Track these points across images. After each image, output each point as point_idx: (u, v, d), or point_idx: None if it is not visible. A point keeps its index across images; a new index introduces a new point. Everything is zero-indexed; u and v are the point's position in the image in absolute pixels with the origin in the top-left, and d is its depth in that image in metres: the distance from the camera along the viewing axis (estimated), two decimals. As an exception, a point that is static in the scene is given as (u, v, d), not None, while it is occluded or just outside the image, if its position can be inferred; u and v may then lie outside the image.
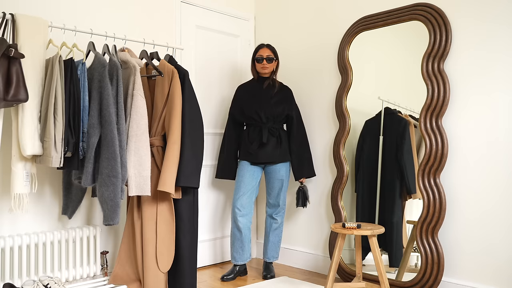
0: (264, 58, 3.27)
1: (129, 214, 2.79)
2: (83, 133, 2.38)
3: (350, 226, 2.59)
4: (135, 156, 2.49)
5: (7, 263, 2.47)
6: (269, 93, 3.30)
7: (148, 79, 2.81)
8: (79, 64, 2.40)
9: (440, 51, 2.73)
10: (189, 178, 2.63)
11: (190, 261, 2.73)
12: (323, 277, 3.32)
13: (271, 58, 3.28)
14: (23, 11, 2.65)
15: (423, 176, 2.74)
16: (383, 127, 3.01)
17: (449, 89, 2.70)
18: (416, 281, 2.72)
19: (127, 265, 2.77)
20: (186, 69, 3.35)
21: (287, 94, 3.35)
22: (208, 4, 3.63)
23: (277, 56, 3.35)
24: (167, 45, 2.95)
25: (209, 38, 3.66)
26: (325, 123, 3.44)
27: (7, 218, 2.58)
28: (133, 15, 3.17)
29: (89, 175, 2.36)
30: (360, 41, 3.18)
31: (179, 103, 2.64)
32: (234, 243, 3.27)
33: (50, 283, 2.39)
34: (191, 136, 2.67)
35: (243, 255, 3.27)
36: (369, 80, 3.11)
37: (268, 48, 3.30)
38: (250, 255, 3.32)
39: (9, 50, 2.07)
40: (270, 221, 3.36)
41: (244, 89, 3.38)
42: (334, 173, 3.37)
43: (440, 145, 2.69)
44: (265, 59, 3.27)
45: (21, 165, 2.29)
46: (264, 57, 3.27)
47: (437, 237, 2.68)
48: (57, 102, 2.27)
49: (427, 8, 2.79)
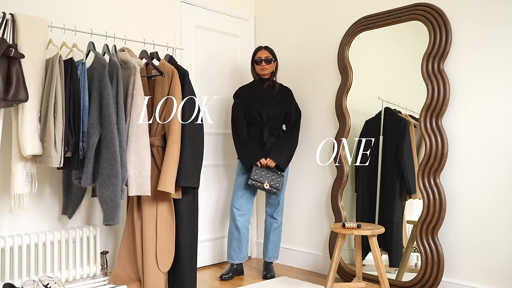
0: (263, 60, 3.31)
1: (129, 214, 2.79)
2: (83, 133, 2.38)
3: (350, 226, 2.59)
4: (135, 156, 2.49)
5: (7, 263, 2.47)
6: (270, 93, 3.33)
7: (148, 79, 2.81)
8: (79, 64, 2.40)
9: (440, 51, 2.73)
10: (189, 178, 2.63)
11: (190, 261, 2.73)
12: (323, 277, 3.32)
13: (270, 59, 3.31)
14: (23, 11, 2.65)
15: (423, 176, 2.74)
16: (383, 127, 3.01)
17: (449, 89, 2.70)
18: (416, 281, 2.72)
19: (127, 265, 2.77)
20: (186, 69, 3.35)
21: (287, 94, 3.37)
22: (208, 4, 3.63)
23: (276, 57, 3.38)
24: (167, 45, 2.95)
25: (209, 38, 3.66)
26: (325, 123, 3.44)
27: (7, 218, 2.58)
28: (133, 15, 3.17)
29: (89, 175, 2.36)
30: (360, 41, 3.18)
31: (179, 103, 2.64)
32: (231, 242, 3.29)
33: (50, 283, 2.39)
34: (191, 136, 2.67)
35: (240, 254, 3.29)
36: (369, 80, 3.11)
37: (266, 50, 3.34)
38: (247, 254, 3.33)
39: (9, 50, 2.07)
40: (270, 220, 3.37)
41: (245, 90, 3.39)
42: (334, 173, 3.37)
43: (440, 145, 2.69)
44: (263, 60, 3.31)
45: (21, 165, 2.29)
46: (263, 59, 3.31)
47: (437, 237, 2.68)
48: (57, 102, 2.27)
49: (427, 8, 2.79)
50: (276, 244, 3.37)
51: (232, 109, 3.36)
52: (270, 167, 3.22)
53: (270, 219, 3.37)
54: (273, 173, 3.20)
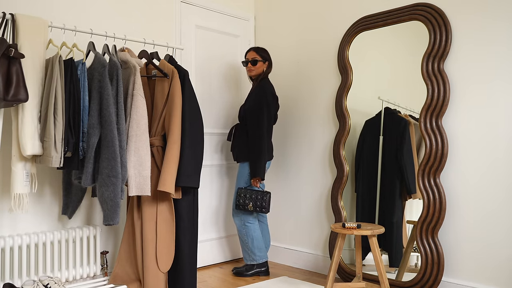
0: (249, 61, 3.30)
1: (129, 214, 2.79)
2: (83, 133, 2.38)
3: (350, 226, 2.59)
4: (135, 156, 2.49)
5: (7, 263, 2.47)
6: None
7: (148, 79, 2.81)
8: (79, 64, 2.40)
9: (440, 51, 2.73)
10: (189, 178, 2.63)
11: (190, 261, 2.73)
12: (323, 277, 3.32)
13: (256, 60, 3.29)
14: (23, 11, 2.65)
15: (423, 176, 2.74)
16: (383, 127, 3.01)
17: (449, 89, 2.70)
18: (416, 281, 2.72)
19: (127, 265, 2.77)
20: (186, 69, 3.35)
21: (256, 93, 3.26)
22: (208, 4, 3.63)
23: (267, 58, 3.33)
24: (167, 45, 2.95)
25: (209, 38, 3.66)
26: (325, 123, 3.44)
27: (7, 218, 2.58)
28: (133, 15, 3.17)
29: (89, 175, 2.36)
30: (360, 41, 3.18)
31: (179, 103, 2.64)
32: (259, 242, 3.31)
33: (50, 283, 2.39)
34: (191, 136, 2.67)
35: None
36: (369, 80, 3.11)
37: (253, 51, 3.33)
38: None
39: (9, 50, 2.07)
40: (261, 225, 3.46)
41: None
42: (334, 173, 3.37)
43: (440, 145, 2.69)
44: (249, 62, 3.30)
45: (21, 165, 2.29)
46: (249, 60, 3.30)
47: (437, 237, 2.68)
48: (57, 102, 2.27)
49: (427, 8, 2.79)
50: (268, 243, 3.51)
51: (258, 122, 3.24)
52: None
53: (260, 223, 3.48)
54: (255, 191, 3.21)
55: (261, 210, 3.16)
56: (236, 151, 3.32)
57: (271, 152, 3.31)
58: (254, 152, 3.16)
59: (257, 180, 3.19)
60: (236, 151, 3.32)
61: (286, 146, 3.72)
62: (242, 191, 3.21)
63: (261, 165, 3.14)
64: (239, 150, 3.29)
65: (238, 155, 3.29)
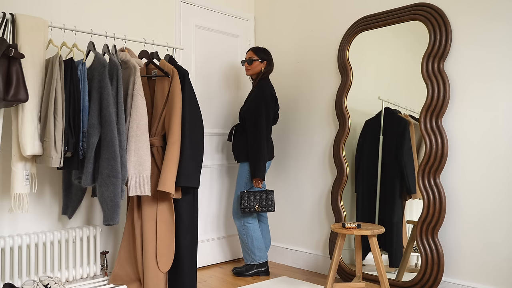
0: (246, 61, 3.30)
1: (129, 214, 2.79)
2: (83, 133, 2.38)
3: (350, 226, 2.59)
4: (135, 156, 2.49)
5: (7, 263, 2.47)
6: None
7: (148, 79, 2.81)
8: (79, 64, 2.40)
9: (440, 51, 2.73)
10: (189, 178, 2.63)
11: (190, 261, 2.73)
12: (323, 277, 3.32)
13: (252, 59, 3.28)
14: (23, 11, 2.65)
15: (423, 176, 2.74)
16: (383, 127, 3.01)
17: (449, 89, 2.70)
18: (416, 281, 2.72)
19: (127, 265, 2.77)
20: (186, 69, 3.35)
21: (255, 93, 3.25)
22: (208, 4, 3.63)
23: (266, 57, 3.31)
24: (167, 45, 2.95)
25: (209, 38, 3.66)
26: (325, 123, 3.44)
27: (7, 218, 2.58)
28: (133, 15, 3.17)
29: (89, 175, 2.36)
30: (360, 41, 3.18)
31: (179, 103, 2.64)
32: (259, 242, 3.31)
33: (50, 283, 2.39)
34: (191, 136, 2.67)
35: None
36: (369, 80, 3.11)
37: (251, 51, 3.33)
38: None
39: (9, 50, 2.07)
40: (261, 225, 3.44)
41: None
42: (334, 173, 3.37)
43: (440, 145, 2.69)
44: (246, 61, 3.30)
45: (21, 165, 2.29)
46: (246, 60, 3.30)
47: (437, 237, 2.68)
48: (57, 102, 2.27)
49: (427, 8, 2.79)
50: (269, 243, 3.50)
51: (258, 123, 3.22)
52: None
53: (260, 223, 3.47)
54: (260, 192, 3.22)
55: (268, 209, 3.18)
56: (237, 151, 3.32)
57: (271, 151, 3.31)
58: (253, 153, 3.16)
59: (258, 180, 3.19)
60: (237, 151, 3.32)
61: (286, 146, 3.72)
62: (245, 194, 3.20)
63: (261, 166, 3.14)
64: (239, 150, 3.29)
65: (238, 155, 3.30)
